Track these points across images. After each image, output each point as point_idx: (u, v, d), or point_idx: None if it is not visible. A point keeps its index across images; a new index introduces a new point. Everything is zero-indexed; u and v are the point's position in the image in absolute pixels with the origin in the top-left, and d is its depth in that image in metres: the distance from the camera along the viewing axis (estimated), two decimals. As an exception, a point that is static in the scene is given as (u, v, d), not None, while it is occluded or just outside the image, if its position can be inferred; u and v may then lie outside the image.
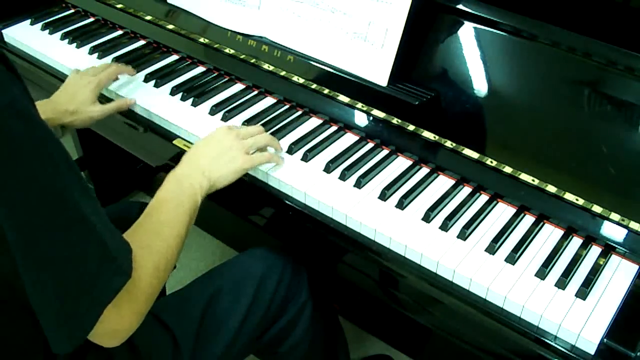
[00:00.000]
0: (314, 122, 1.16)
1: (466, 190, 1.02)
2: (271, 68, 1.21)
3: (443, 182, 1.03)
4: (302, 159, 1.07)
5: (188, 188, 0.91)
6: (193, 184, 0.92)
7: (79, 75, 1.19)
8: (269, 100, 1.22)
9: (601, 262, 0.89)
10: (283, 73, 1.20)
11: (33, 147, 0.63)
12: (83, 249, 0.67)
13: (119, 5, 1.45)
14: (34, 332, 0.75)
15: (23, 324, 0.77)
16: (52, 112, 1.12)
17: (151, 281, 0.77)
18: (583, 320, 0.81)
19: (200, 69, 1.31)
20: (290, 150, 1.08)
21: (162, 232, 0.83)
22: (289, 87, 1.20)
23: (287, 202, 1.02)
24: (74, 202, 0.66)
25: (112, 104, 1.19)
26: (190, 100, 1.20)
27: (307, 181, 1.02)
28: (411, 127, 1.07)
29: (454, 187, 1.02)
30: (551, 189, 0.95)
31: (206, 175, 0.95)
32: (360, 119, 1.13)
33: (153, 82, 1.26)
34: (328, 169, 1.05)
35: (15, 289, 0.69)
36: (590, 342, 0.79)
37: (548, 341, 0.82)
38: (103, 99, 1.24)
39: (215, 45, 1.29)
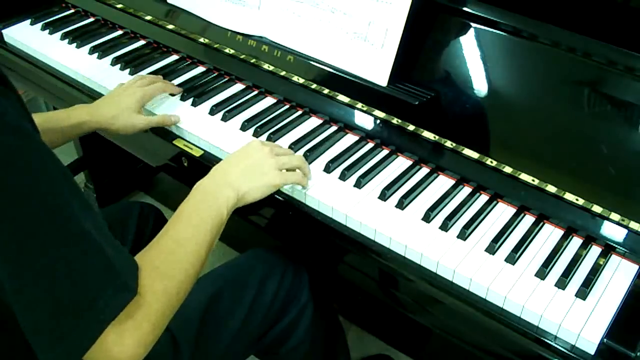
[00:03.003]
0: (314, 122, 1.16)
1: (466, 190, 1.02)
2: (271, 68, 1.21)
3: (443, 182, 1.03)
4: (302, 159, 1.07)
5: (213, 201, 0.86)
6: (219, 196, 0.87)
7: (124, 86, 1.17)
8: (269, 100, 1.22)
9: (601, 262, 0.89)
10: (283, 73, 1.20)
11: (26, 160, 0.61)
12: (84, 264, 0.64)
13: (119, 5, 1.45)
14: (25, 350, 0.70)
15: (15, 341, 0.74)
16: (88, 114, 1.09)
17: (159, 307, 0.71)
18: (583, 320, 0.81)
19: (200, 69, 1.31)
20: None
21: (177, 251, 0.77)
22: (289, 87, 1.20)
23: (287, 202, 1.02)
24: (72, 216, 0.64)
25: (156, 118, 1.14)
26: (190, 100, 1.20)
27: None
28: (411, 127, 1.07)
29: (454, 187, 1.02)
30: (551, 189, 0.95)
31: (234, 187, 0.89)
32: (360, 119, 1.13)
33: (153, 82, 1.26)
34: (328, 168, 1.05)
35: (6, 306, 0.66)
36: (590, 342, 0.79)
37: (548, 341, 0.82)
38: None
39: (215, 45, 1.29)
